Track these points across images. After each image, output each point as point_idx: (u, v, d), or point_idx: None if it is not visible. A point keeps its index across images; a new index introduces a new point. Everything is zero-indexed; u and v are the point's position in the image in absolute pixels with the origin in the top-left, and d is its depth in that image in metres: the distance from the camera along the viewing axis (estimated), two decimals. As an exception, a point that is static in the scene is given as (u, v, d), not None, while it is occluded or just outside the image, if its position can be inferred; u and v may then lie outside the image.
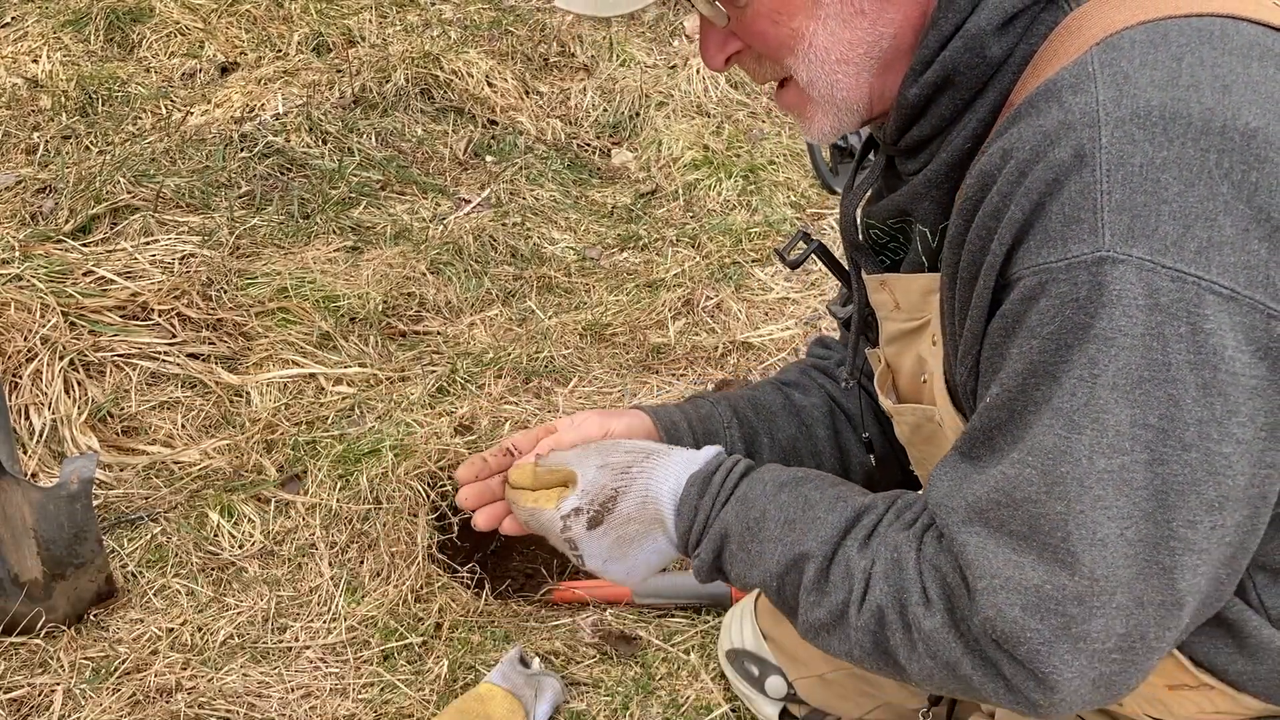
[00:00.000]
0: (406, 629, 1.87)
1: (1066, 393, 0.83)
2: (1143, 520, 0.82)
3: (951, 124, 1.00)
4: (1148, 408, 0.81)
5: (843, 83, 1.02)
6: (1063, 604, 0.85)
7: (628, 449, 1.15)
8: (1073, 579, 0.84)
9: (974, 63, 0.95)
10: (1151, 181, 0.80)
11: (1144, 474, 0.82)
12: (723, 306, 2.83)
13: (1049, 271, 0.83)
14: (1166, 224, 0.79)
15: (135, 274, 2.67)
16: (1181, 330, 0.79)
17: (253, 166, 3.23)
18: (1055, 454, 0.84)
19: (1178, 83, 0.82)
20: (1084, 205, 0.81)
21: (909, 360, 1.14)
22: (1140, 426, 0.81)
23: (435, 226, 3.14)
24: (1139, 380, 0.81)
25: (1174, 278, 0.79)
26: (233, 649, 1.85)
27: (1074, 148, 0.82)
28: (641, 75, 3.96)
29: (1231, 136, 0.80)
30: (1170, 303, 0.79)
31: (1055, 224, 0.83)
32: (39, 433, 2.21)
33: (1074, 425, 0.83)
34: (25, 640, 1.85)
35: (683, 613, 1.94)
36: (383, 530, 2.04)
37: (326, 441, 2.28)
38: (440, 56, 3.79)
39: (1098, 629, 0.84)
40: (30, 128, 3.45)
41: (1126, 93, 0.82)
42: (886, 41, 1.00)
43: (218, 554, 2.04)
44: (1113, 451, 0.82)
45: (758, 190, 3.41)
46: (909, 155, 1.06)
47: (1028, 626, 0.86)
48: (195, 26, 3.98)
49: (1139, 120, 0.81)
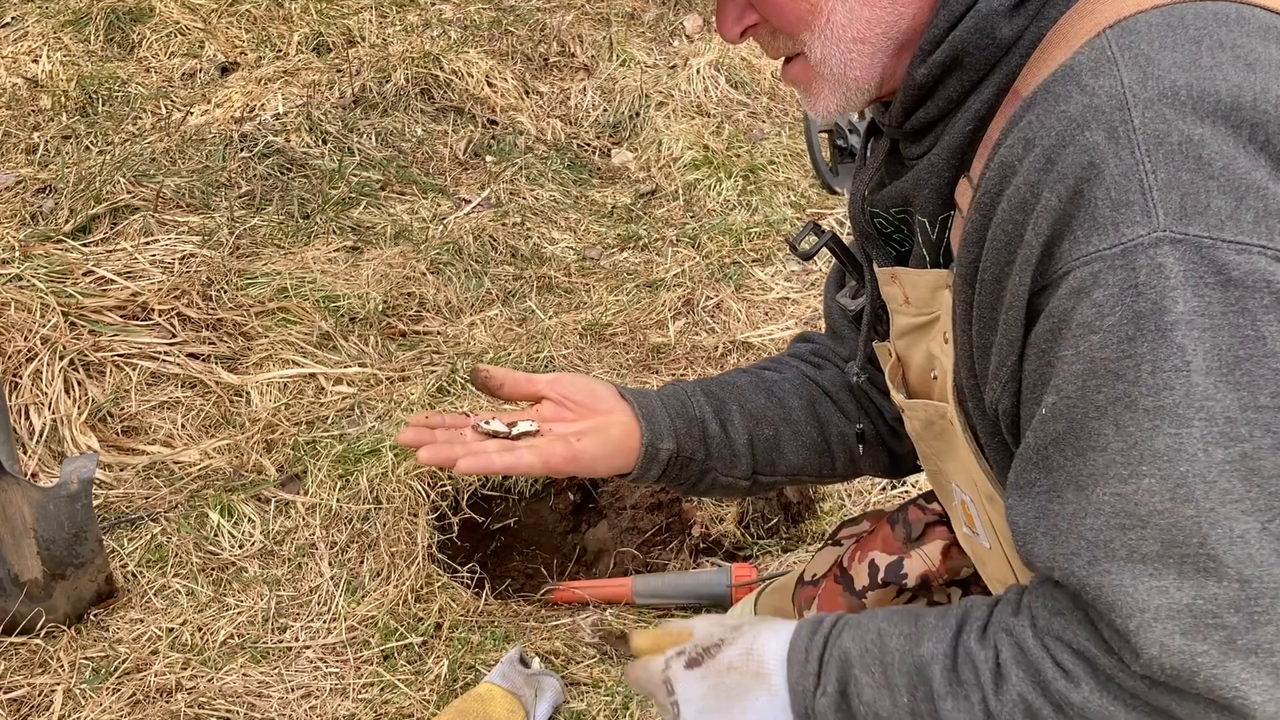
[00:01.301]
0: (406, 629, 1.87)
1: (1160, 387, 0.77)
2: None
3: (957, 106, 0.97)
4: (1256, 389, 0.75)
5: (856, 62, 0.99)
6: (1219, 615, 0.77)
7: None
8: (1221, 585, 0.77)
9: (983, 44, 0.93)
10: (1194, 159, 0.77)
11: (1273, 460, 0.76)
12: (723, 306, 2.83)
13: (1102, 259, 0.78)
14: (1218, 199, 0.76)
15: (135, 274, 2.67)
16: (1266, 301, 0.75)
17: (253, 166, 3.23)
18: (1169, 455, 0.77)
19: (1200, 63, 0.80)
20: (1130, 187, 0.77)
21: (919, 355, 1.12)
22: (1253, 409, 0.76)
23: (435, 226, 3.14)
24: (1236, 360, 0.76)
25: (1239, 250, 0.75)
26: (233, 649, 1.85)
27: (1106, 130, 0.79)
28: (641, 75, 3.96)
29: (1264, 109, 0.78)
30: (1243, 275, 0.75)
31: (1103, 209, 0.78)
32: (39, 433, 2.21)
33: (1180, 420, 0.76)
34: (25, 640, 1.85)
35: (683, 613, 1.94)
36: (383, 530, 2.04)
37: (326, 441, 2.28)
38: (440, 56, 3.79)
39: (1268, 637, 0.76)
40: (30, 128, 3.46)
41: (1151, 74, 0.80)
42: (905, 22, 0.97)
43: (218, 554, 2.04)
44: (1230, 440, 0.76)
45: (758, 190, 3.41)
46: (914, 139, 1.03)
47: (1195, 652, 0.77)
48: (195, 26, 3.98)
49: (1168, 100, 0.78)
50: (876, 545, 1.40)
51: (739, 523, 2.06)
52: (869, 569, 1.39)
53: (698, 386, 1.30)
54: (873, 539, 1.42)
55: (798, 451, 1.31)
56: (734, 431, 1.27)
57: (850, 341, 1.33)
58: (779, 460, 1.30)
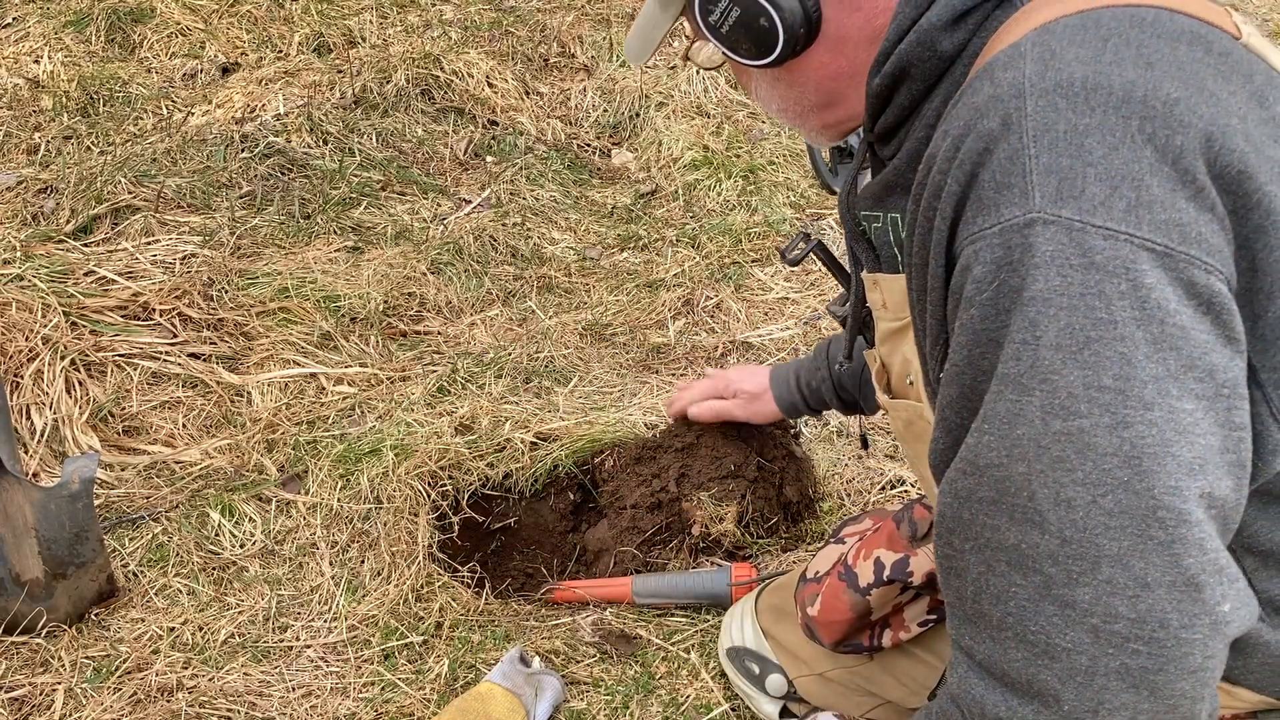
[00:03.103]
0: (407, 628, 1.87)
1: (1010, 357, 0.82)
2: (1119, 490, 0.79)
3: (913, 113, 1.04)
4: (1100, 368, 0.79)
5: (790, 120, 1.16)
6: (1039, 561, 0.82)
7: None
8: (1044, 537, 0.82)
9: (925, 56, 0.99)
10: (1076, 146, 0.80)
11: (1108, 438, 0.79)
12: (722, 306, 2.83)
13: (983, 238, 0.83)
14: (1094, 185, 0.79)
15: (136, 274, 2.67)
16: (1122, 287, 0.78)
17: (253, 167, 3.23)
18: (1009, 418, 0.82)
19: (1101, 59, 0.83)
20: (1013, 170, 0.82)
21: (898, 360, 1.16)
22: (1095, 389, 0.79)
23: (435, 226, 3.14)
24: (1086, 341, 0.79)
25: (1105, 236, 0.78)
26: (234, 648, 1.85)
27: (1001, 117, 0.83)
28: (641, 75, 3.97)
29: (1153, 105, 0.81)
30: (1105, 260, 0.78)
31: (988, 191, 0.83)
32: (40, 432, 2.21)
33: (1023, 389, 0.81)
34: (26, 639, 1.85)
35: (683, 612, 1.94)
36: (383, 530, 2.05)
37: (327, 441, 2.28)
38: (441, 57, 3.79)
39: (1085, 598, 0.81)
40: (32, 128, 3.46)
41: (1051, 66, 0.84)
42: (816, 96, 1.12)
43: (219, 553, 2.04)
44: (1067, 414, 0.80)
45: (757, 190, 3.41)
46: (884, 142, 1.10)
47: (1012, 582, 0.84)
48: (196, 27, 3.98)
49: (1061, 90, 0.82)
50: (881, 543, 1.41)
51: (739, 522, 2.06)
52: (874, 566, 1.39)
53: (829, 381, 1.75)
54: (877, 537, 1.42)
55: None
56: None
57: None
58: None
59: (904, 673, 1.49)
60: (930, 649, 1.46)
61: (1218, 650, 0.82)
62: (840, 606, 1.43)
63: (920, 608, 1.42)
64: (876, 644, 1.47)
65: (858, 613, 1.42)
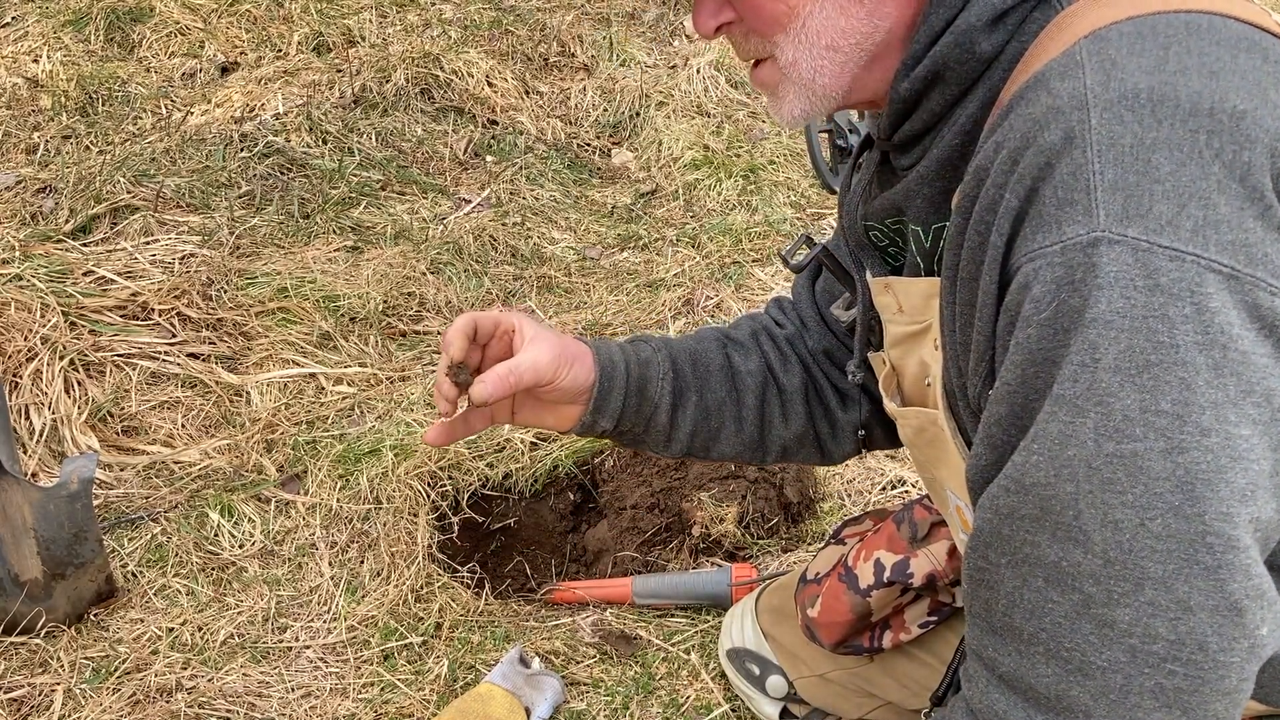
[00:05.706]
0: (407, 629, 1.87)
1: (1067, 378, 0.80)
2: (1169, 514, 0.78)
3: (943, 120, 1.00)
4: (1158, 393, 0.77)
5: (826, 69, 1.00)
6: (1079, 580, 0.81)
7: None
8: (1086, 556, 0.80)
9: (963, 58, 0.95)
10: (1143, 161, 0.78)
11: (1161, 463, 0.78)
12: (723, 306, 2.83)
13: (1044, 256, 0.80)
14: (1160, 203, 0.77)
15: (135, 274, 2.67)
16: (1186, 311, 0.76)
17: (253, 166, 3.23)
18: (1060, 439, 0.81)
19: (1165, 68, 0.81)
20: (1076, 186, 0.79)
21: (913, 364, 1.13)
22: (1152, 413, 0.78)
23: (435, 226, 3.14)
24: (1146, 364, 0.77)
25: (1172, 257, 0.77)
26: (233, 649, 1.85)
27: (1063, 130, 0.81)
28: (641, 75, 3.96)
29: (1220, 118, 0.79)
30: (1171, 283, 0.77)
31: (1049, 208, 0.81)
32: (39, 432, 2.21)
33: (1078, 410, 0.80)
34: (25, 640, 1.85)
35: (683, 613, 1.94)
36: (383, 530, 2.04)
37: (327, 441, 2.28)
38: (440, 56, 3.79)
39: (1125, 618, 0.80)
40: (30, 127, 3.45)
41: (1114, 76, 0.81)
42: (880, 35, 0.99)
43: (218, 554, 2.04)
44: (1121, 437, 0.78)
45: (758, 190, 3.41)
46: (903, 150, 1.06)
47: (1048, 598, 0.82)
48: (195, 26, 3.98)
49: (1127, 102, 0.80)
50: (881, 544, 1.40)
51: (739, 523, 2.06)
52: (874, 568, 1.39)
53: (670, 364, 1.33)
54: (877, 538, 1.42)
55: (733, 445, 1.35)
56: (681, 421, 1.32)
57: (815, 334, 1.38)
58: (712, 448, 1.36)
59: (904, 674, 1.49)
60: (931, 650, 1.46)
61: (1252, 673, 0.82)
62: (840, 608, 1.43)
63: (920, 609, 1.42)
64: (877, 645, 1.46)
65: (858, 614, 1.42)
